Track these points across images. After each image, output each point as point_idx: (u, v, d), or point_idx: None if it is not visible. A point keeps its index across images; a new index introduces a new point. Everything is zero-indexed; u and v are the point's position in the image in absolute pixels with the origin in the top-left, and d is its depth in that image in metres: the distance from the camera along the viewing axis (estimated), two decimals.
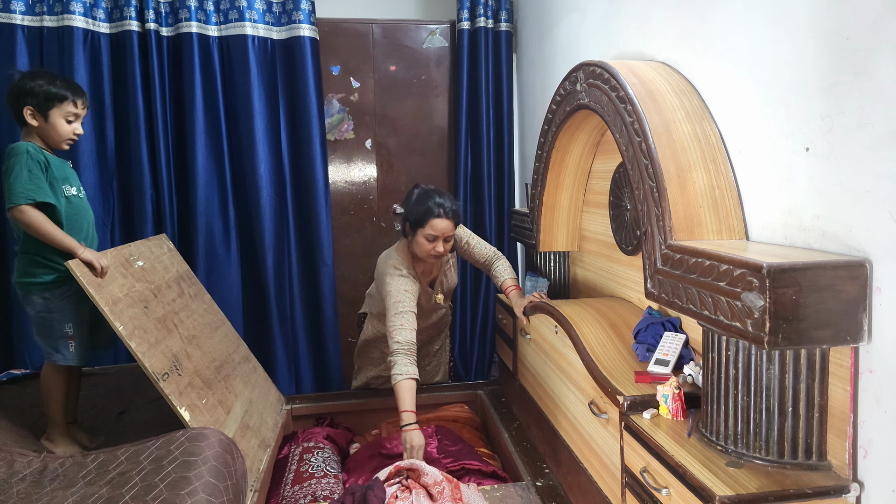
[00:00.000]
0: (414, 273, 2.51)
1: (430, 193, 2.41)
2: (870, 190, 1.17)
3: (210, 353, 2.39)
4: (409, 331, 2.32)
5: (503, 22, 3.45)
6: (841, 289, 1.18)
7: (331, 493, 2.15)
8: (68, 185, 2.09)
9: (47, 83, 2.03)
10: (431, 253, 2.40)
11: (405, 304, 2.36)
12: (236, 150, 3.21)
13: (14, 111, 2.04)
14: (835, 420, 1.28)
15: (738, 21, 1.54)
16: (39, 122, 2.04)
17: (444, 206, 2.37)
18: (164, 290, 2.36)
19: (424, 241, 2.38)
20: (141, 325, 2.06)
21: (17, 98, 2.02)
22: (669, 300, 1.48)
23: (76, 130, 2.09)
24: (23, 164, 1.96)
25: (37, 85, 2.01)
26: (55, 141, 2.07)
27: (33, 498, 1.72)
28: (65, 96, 2.04)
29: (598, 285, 2.54)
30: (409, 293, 2.40)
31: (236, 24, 3.13)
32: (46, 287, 2.05)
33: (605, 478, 1.78)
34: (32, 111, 2.02)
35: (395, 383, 2.25)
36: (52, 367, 2.11)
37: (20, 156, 1.97)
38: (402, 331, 2.31)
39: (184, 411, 1.97)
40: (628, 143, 1.72)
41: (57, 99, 2.03)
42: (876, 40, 1.14)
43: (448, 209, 2.38)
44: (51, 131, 2.05)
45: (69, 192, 2.09)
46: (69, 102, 2.05)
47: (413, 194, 2.46)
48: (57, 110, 2.04)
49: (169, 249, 2.63)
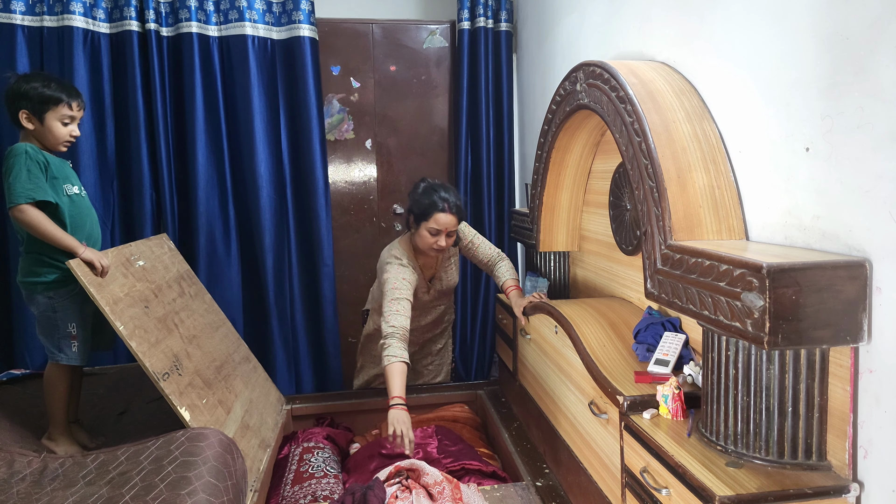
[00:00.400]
0: (414, 264, 2.53)
1: (436, 188, 2.43)
2: (870, 190, 1.17)
3: (210, 352, 2.39)
4: (403, 317, 2.32)
5: (503, 22, 3.45)
6: (841, 289, 1.18)
7: (331, 493, 2.15)
8: (69, 184, 2.09)
9: (41, 86, 2.02)
10: (433, 246, 2.43)
11: (402, 291, 2.37)
12: (236, 151, 3.21)
13: (10, 114, 2.04)
14: (835, 420, 1.28)
15: (738, 21, 1.54)
16: (35, 125, 2.03)
17: (448, 200, 2.40)
18: (165, 290, 2.36)
19: (427, 235, 2.41)
20: (141, 325, 2.06)
21: (12, 101, 2.02)
22: (669, 300, 1.48)
23: (73, 132, 2.08)
24: (22, 164, 1.96)
25: (31, 88, 2.00)
26: (52, 143, 2.07)
27: (33, 498, 1.72)
28: (59, 99, 2.03)
29: (598, 285, 2.54)
30: (406, 282, 2.41)
31: (236, 24, 3.13)
32: (50, 286, 2.05)
33: (605, 478, 1.78)
34: (28, 114, 2.02)
35: (386, 365, 2.26)
36: (56, 366, 2.11)
37: (19, 156, 1.97)
38: (396, 316, 2.32)
39: (184, 411, 1.97)
40: (628, 143, 1.72)
41: (52, 102, 2.02)
42: (876, 40, 1.14)
43: (452, 204, 2.40)
44: (47, 134, 2.04)
45: (71, 191, 2.09)
46: (64, 105, 2.04)
47: (419, 187, 2.48)
48: (52, 113, 2.03)
49: (170, 249, 2.63)
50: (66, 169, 2.11)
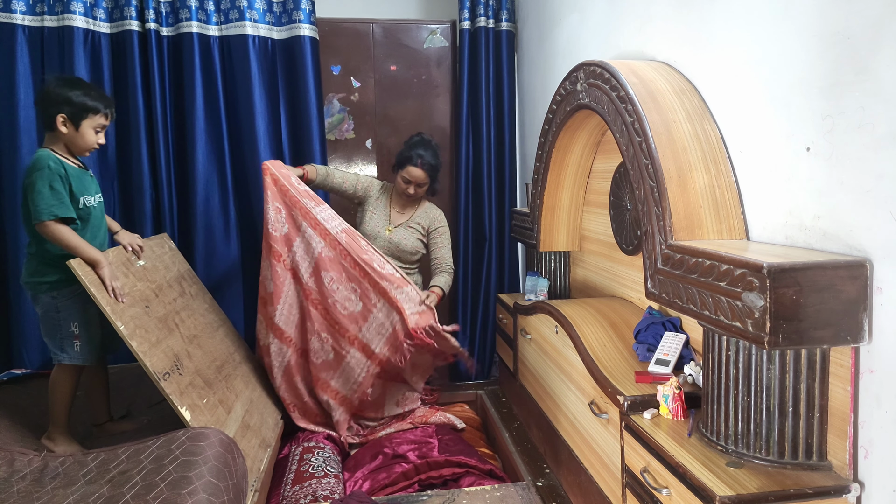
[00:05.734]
0: (389, 198, 2.92)
1: (418, 144, 2.82)
2: (871, 190, 1.17)
3: (211, 352, 2.39)
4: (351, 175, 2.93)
5: (504, 22, 3.45)
6: (841, 289, 1.18)
7: (331, 493, 2.15)
8: (88, 195, 2.12)
9: (84, 94, 2.05)
10: (405, 192, 2.83)
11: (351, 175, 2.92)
12: (237, 150, 3.21)
13: (46, 115, 2.06)
14: (835, 420, 1.28)
15: (738, 21, 1.54)
16: (70, 130, 2.06)
17: (422, 157, 2.77)
18: (166, 290, 2.36)
19: (401, 181, 2.83)
20: (142, 325, 2.06)
21: (52, 104, 2.04)
22: (670, 300, 1.49)
23: (100, 140, 2.12)
24: (45, 180, 1.99)
25: (74, 95, 2.03)
26: (80, 149, 2.11)
27: (34, 496, 1.72)
28: (98, 109, 2.08)
29: (598, 285, 2.54)
30: (361, 176, 2.95)
31: (237, 23, 3.13)
32: (54, 286, 2.07)
33: (606, 478, 1.78)
34: (65, 119, 2.04)
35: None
36: (62, 367, 2.13)
37: (42, 171, 1.99)
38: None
39: (185, 411, 1.97)
40: (629, 142, 1.72)
41: (92, 111, 2.06)
42: (877, 40, 1.14)
43: (425, 162, 2.77)
44: (78, 140, 2.08)
45: (89, 203, 2.12)
46: (101, 115, 2.09)
47: (410, 139, 2.89)
48: (89, 121, 2.07)
49: (170, 249, 2.63)
50: (84, 179, 2.13)
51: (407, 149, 2.82)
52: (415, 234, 2.88)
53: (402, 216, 2.91)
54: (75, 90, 2.04)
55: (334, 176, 2.87)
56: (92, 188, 2.16)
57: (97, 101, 2.07)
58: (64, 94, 2.03)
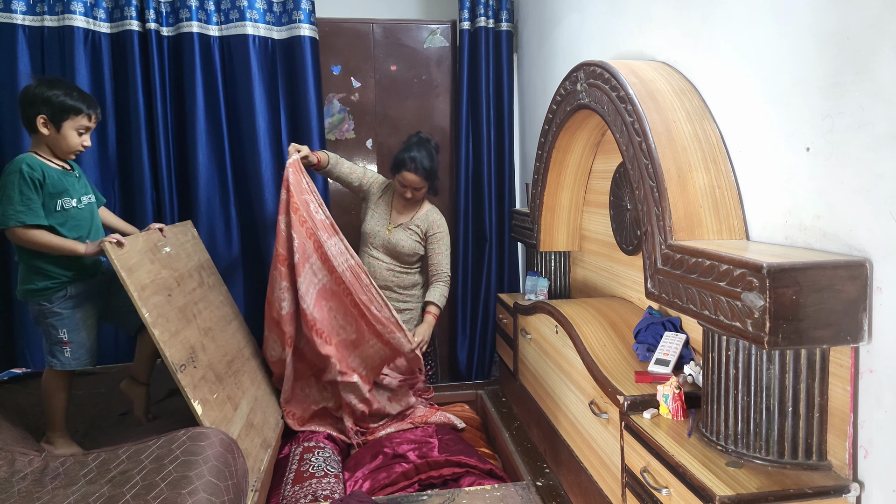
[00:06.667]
0: (390, 199, 2.91)
1: (414, 146, 2.78)
2: (870, 190, 1.17)
3: (223, 346, 2.38)
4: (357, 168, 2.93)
5: (504, 22, 3.45)
6: (841, 289, 1.18)
7: (331, 493, 2.15)
8: (67, 197, 2.07)
9: (64, 94, 2.01)
10: (402, 195, 2.83)
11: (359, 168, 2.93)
12: (237, 150, 3.21)
13: (26, 117, 2.03)
14: (835, 420, 1.28)
15: (738, 21, 1.54)
16: (51, 131, 2.03)
17: (416, 160, 2.73)
18: (186, 279, 2.34)
19: (398, 185, 2.83)
20: (164, 314, 2.04)
21: (31, 105, 2.01)
22: (670, 300, 1.49)
23: (84, 143, 2.08)
24: (14, 186, 1.95)
25: (54, 95, 2.00)
26: (63, 152, 2.07)
27: (34, 496, 1.72)
28: (80, 109, 2.03)
29: (598, 285, 2.54)
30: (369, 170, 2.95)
31: (237, 23, 3.13)
32: (41, 293, 2.06)
33: (606, 478, 1.79)
34: (45, 120, 2.01)
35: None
36: (52, 372, 2.12)
37: (12, 175, 1.96)
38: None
39: (197, 405, 1.96)
40: (628, 142, 1.72)
41: (72, 111, 2.02)
42: (876, 40, 1.14)
43: (419, 166, 2.73)
44: (60, 142, 2.04)
45: (68, 205, 2.07)
46: (83, 116, 2.05)
47: (408, 140, 2.86)
48: (70, 122, 2.03)
49: (193, 237, 2.61)
50: (66, 181, 2.08)
51: (402, 151, 2.80)
52: (413, 236, 2.88)
53: (402, 217, 2.91)
54: (55, 90, 2.00)
55: (343, 165, 2.89)
56: (77, 190, 2.11)
57: (78, 102, 2.03)
58: (43, 95, 1.99)
